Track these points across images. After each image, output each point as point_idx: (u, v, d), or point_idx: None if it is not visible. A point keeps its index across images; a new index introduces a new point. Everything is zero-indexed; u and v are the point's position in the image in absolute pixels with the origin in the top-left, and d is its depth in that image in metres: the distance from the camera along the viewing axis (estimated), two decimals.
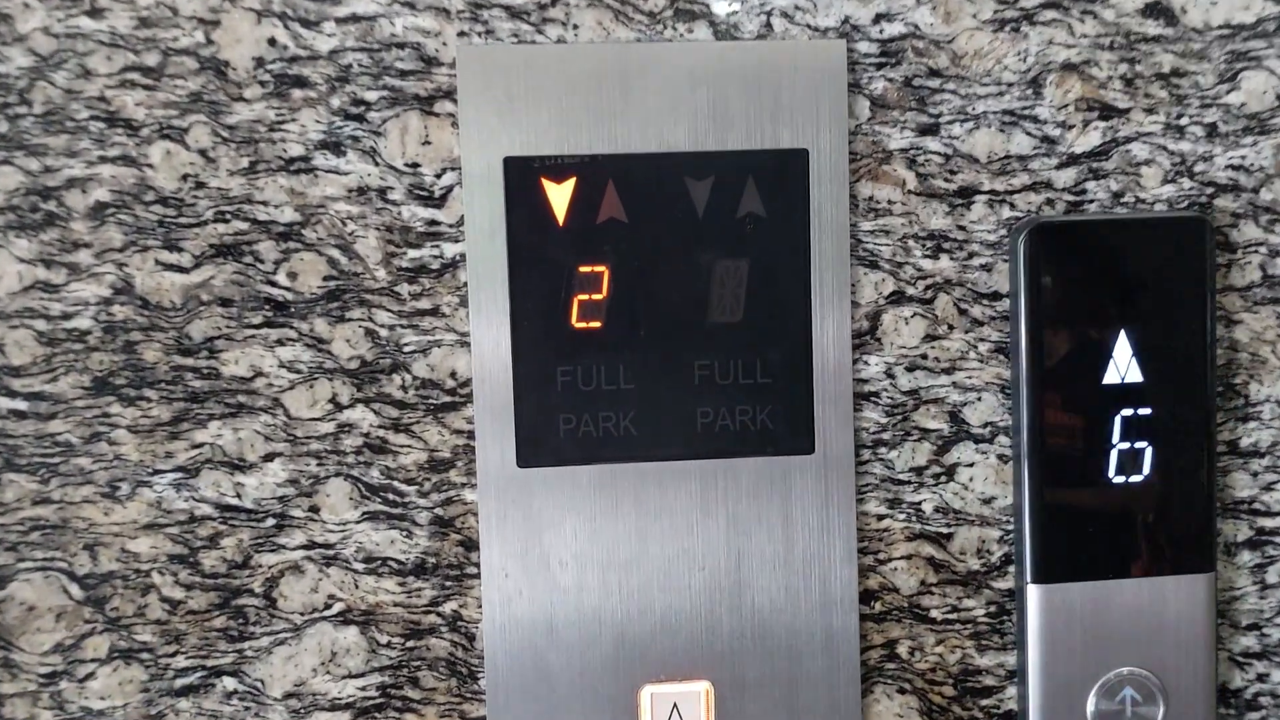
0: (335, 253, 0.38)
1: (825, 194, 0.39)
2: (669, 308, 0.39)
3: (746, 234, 0.39)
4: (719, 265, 0.39)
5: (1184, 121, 0.40)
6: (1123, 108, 0.40)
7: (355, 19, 0.37)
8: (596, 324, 0.38)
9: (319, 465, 0.38)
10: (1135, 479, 0.40)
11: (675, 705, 0.39)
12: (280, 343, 0.38)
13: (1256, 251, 0.40)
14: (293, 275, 0.38)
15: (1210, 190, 0.40)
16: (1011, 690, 0.41)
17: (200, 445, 0.38)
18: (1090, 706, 0.40)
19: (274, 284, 0.38)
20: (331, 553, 0.38)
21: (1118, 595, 0.40)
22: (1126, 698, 0.40)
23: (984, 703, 0.41)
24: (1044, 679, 0.40)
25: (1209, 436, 0.40)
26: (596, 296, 0.38)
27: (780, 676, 0.40)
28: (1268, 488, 0.41)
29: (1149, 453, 0.40)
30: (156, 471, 0.38)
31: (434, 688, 0.39)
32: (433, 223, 0.38)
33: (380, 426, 0.38)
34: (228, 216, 0.38)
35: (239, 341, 0.38)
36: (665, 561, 0.39)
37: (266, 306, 0.38)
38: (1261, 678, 0.42)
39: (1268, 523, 0.41)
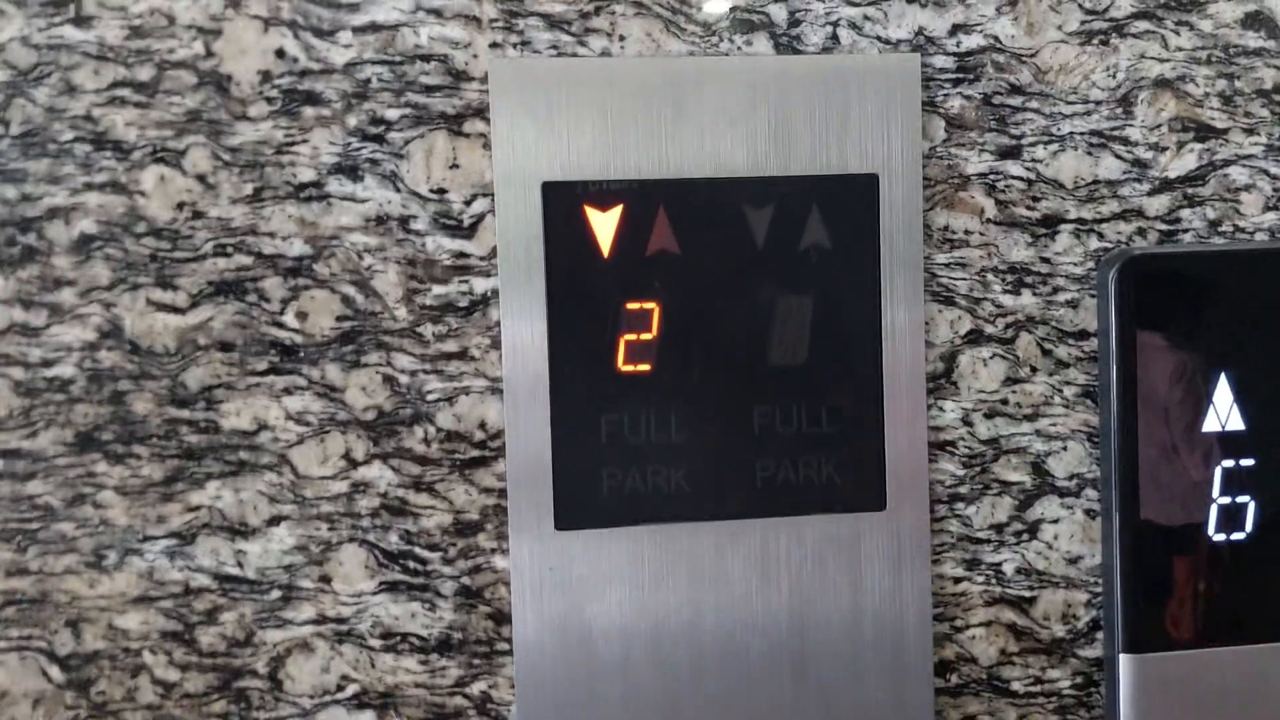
0: (350, 290, 0.34)
1: (896, 223, 0.35)
2: (725, 349, 0.35)
3: (811, 267, 0.35)
4: (780, 302, 0.35)
5: None
6: (1221, 127, 0.36)
7: (375, 28, 0.33)
8: (645, 367, 0.34)
9: (331, 530, 0.34)
10: (1237, 536, 0.36)
11: None
12: (288, 391, 0.34)
13: None
14: (302, 316, 0.34)
15: None
16: None
17: (197, 508, 0.33)
18: None
19: (281, 326, 0.34)
20: (345, 628, 0.34)
21: (1218, 665, 0.36)
22: None
23: None
24: None
25: None
26: (645, 336, 0.34)
27: None
28: None
29: (1251, 507, 0.36)
30: (148, 538, 0.33)
31: None
32: (461, 255, 0.34)
33: (400, 485, 0.34)
34: (229, 250, 0.33)
35: (241, 391, 0.33)
36: (721, 633, 0.35)
37: (272, 351, 0.34)
38: None
39: None
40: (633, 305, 0.34)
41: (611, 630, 0.35)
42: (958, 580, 0.36)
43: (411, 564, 0.34)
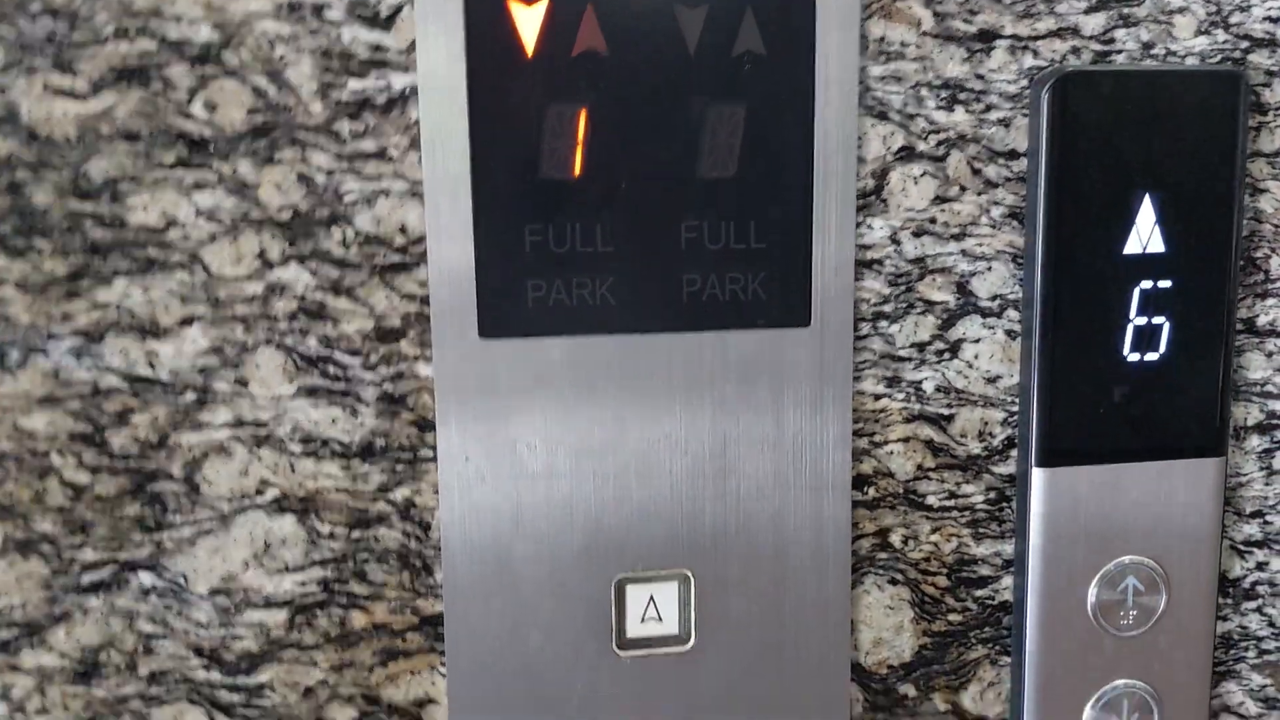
0: (262, 81, 0.32)
1: (833, 32, 0.34)
2: (654, 158, 0.34)
3: (743, 75, 0.34)
4: (711, 111, 0.34)
5: None
6: None
7: None
8: (571, 174, 0.33)
9: (246, 332, 0.33)
10: (1151, 357, 0.37)
11: (652, 598, 0.36)
12: (198, 186, 0.32)
13: None
14: (211, 107, 0.32)
15: (1245, 45, 0.37)
16: (1007, 581, 0.38)
17: (104, 306, 0.32)
18: (1091, 597, 0.38)
19: (189, 116, 0.32)
20: (264, 432, 0.34)
21: (1125, 480, 0.37)
22: (1129, 587, 0.38)
23: (978, 594, 0.38)
24: (1044, 568, 0.37)
25: (1228, 313, 0.37)
26: (571, 141, 0.33)
27: (766, 567, 0.36)
28: None
29: (1166, 328, 0.37)
30: (52, 336, 0.32)
31: (384, 582, 0.35)
32: (378, 48, 0.32)
33: (318, 288, 0.33)
34: (131, 34, 0.31)
35: (148, 184, 0.32)
36: (645, 445, 0.35)
37: (180, 143, 0.32)
38: (1261, 566, 0.40)
39: (1279, 405, 0.39)
40: (558, 108, 0.33)
41: (536, 440, 0.35)
42: (878, 397, 0.37)
43: (331, 369, 0.34)
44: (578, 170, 0.33)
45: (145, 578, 0.34)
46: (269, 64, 0.32)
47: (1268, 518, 0.39)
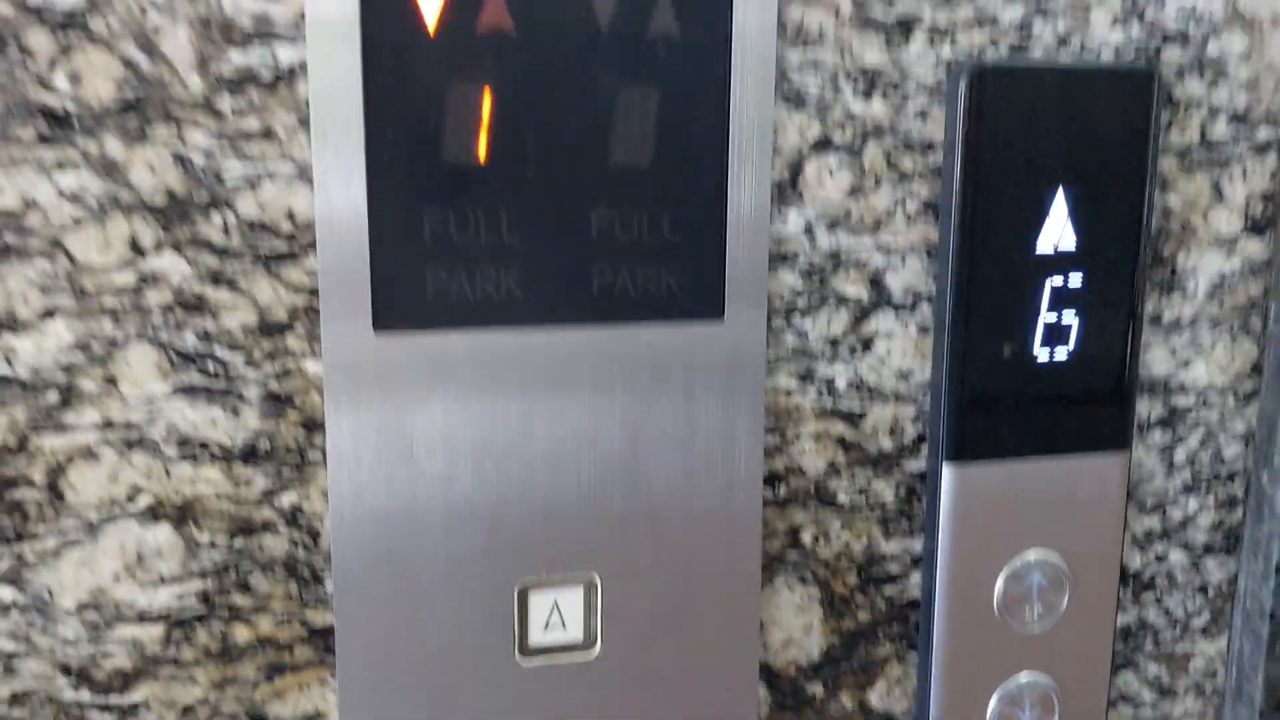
0: (133, 51, 0.29)
1: (750, 16, 0.33)
2: (563, 144, 0.32)
3: (657, 59, 0.32)
4: (624, 95, 0.32)
5: None
6: None
7: None
8: (474, 159, 0.31)
9: (116, 326, 0.30)
10: (1060, 353, 0.37)
11: (555, 603, 0.35)
12: (60, 166, 0.29)
13: (1197, 110, 0.37)
14: (75, 79, 0.29)
15: (1158, 40, 0.36)
16: (916, 578, 0.38)
17: None
18: (997, 592, 0.38)
19: (49, 88, 0.29)
20: (135, 435, 0.31)
21: (1032, 475, 0.37)
22: (1033, 583, 0.38)
23: (887, 591, 0.38)
24: (951, 564, 0.37)
25: (1136, 310, 0.37)
26: (474, 124, 0.31)
27: (675, 567, 0.35)
28: (1185, 364, 0.39)
29: (1076, 325, 0.37)
30: None
31: (269, 593, 0.33)
32: (263, 19, 0.30)
33: (196, 279, 0.31)
34: None
35: (3, 164, 0.29)
36: (551, 443, 0.34)
37: (40, 118, 0.29)
38: (1160, 559, 0.40)
39: (1182, 400, 0.39)
40: (461, 89, 0.31)
41: (435, 440, 0.33)
42: (790, 393, 0.36)
43: (211, 366, 0.31)
44: (482, 155, 0.31)
45: (5, 592, 0.31)
46: (141, 32, 0.29)
47: (1168, 511, 0.40)
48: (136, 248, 0.30)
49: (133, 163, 0.30)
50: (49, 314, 0.30)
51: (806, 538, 0.37)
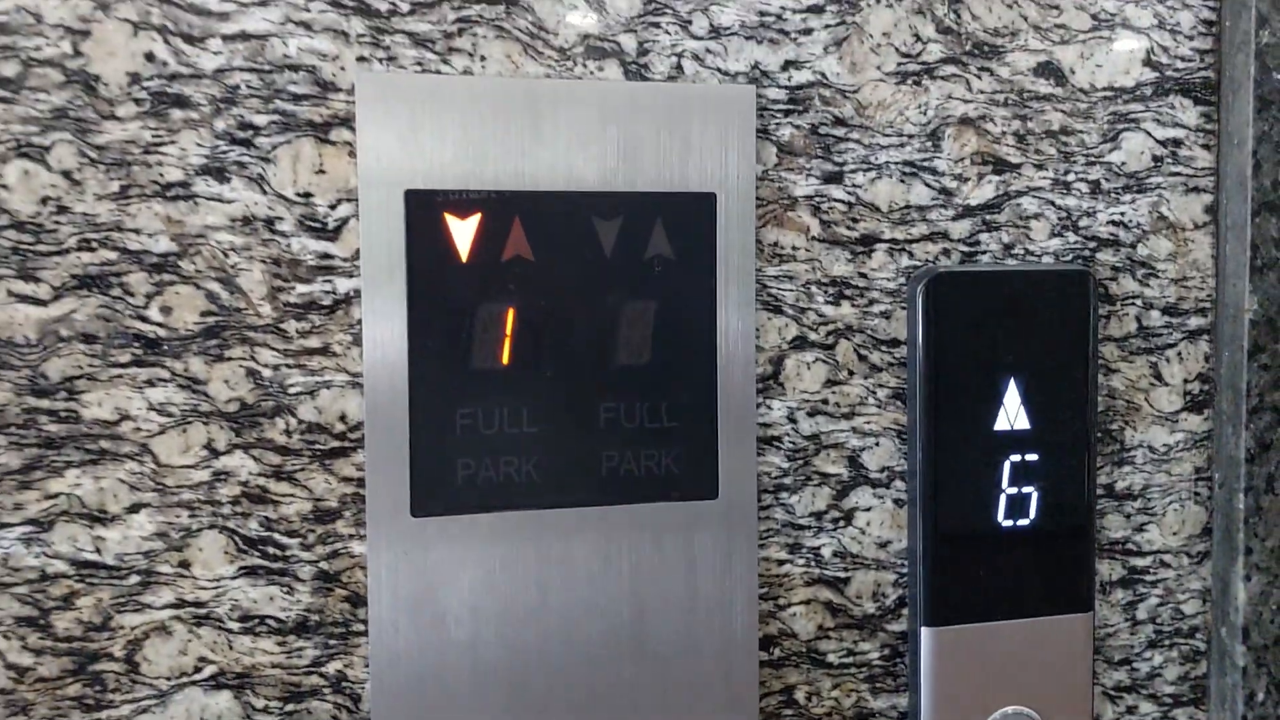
0: (215, 286, 0.35)
1: (732, 238, 0.39)
2: (574, 349, 0.37)
3: (654, 276, 0.38)
4: (626, 307, 0.38)
5: (1070, 178, 0.41)
6: (1015, 162, 0.41)
7: (244, 37, 0.35)
8: (499, 364, 0.37)
9: (191, 516, 0.35)
10: (1022, 523, 0.41)
11: None
12: (150, 383, 0.35)
13: (1133, 304, 0.42)
14: (166, 310, 0.35)
15: (1093, 245, 0.42)
16: None
17: (55, 496, 0.34)
18: None
19: (145, 319, 0.35)
20: (203, 611, 0.35)
21: (1005, 636, 0.41)
22: None
23: None
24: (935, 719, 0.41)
25: (1089, 481, 0.41)
26: (500, 336, 0.37)
27: None
28: (1140, 529, 0.43)
29: (1035, 497, 0.41)
30: (3, 525, 0.34)
31: None
32: (325, 256, 0.36)
33: (260, 474, 0.36)
34: (93, 245, 0.34)
35: (103, 382, 0.34)
36: (566, 611, 0.38)
37: (135, 344, 0.35)
38: (1131, 710, 0.43)
39: (1139, 561, 0.43)
40: (488, 307, 0.37)
41: (462, 611, 0.37)
42: (781, 563, 0.40)
43: (271, 549, 0.36)
44: (506, 359, 0.37)
45: None
46: (222, 270, 0.35)
47: (1134, 665, 0.43)
48: (211, 449, 0.35)
49: (212, 378, 0.35)
50: (135, 508, 0.35)
51: (800, 696, 0.40)
